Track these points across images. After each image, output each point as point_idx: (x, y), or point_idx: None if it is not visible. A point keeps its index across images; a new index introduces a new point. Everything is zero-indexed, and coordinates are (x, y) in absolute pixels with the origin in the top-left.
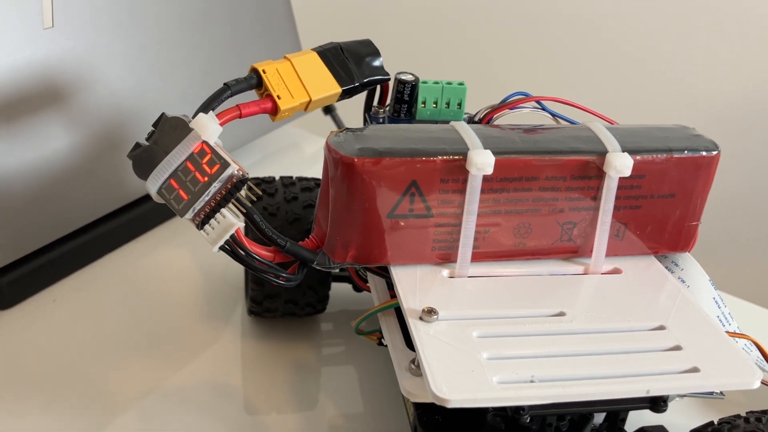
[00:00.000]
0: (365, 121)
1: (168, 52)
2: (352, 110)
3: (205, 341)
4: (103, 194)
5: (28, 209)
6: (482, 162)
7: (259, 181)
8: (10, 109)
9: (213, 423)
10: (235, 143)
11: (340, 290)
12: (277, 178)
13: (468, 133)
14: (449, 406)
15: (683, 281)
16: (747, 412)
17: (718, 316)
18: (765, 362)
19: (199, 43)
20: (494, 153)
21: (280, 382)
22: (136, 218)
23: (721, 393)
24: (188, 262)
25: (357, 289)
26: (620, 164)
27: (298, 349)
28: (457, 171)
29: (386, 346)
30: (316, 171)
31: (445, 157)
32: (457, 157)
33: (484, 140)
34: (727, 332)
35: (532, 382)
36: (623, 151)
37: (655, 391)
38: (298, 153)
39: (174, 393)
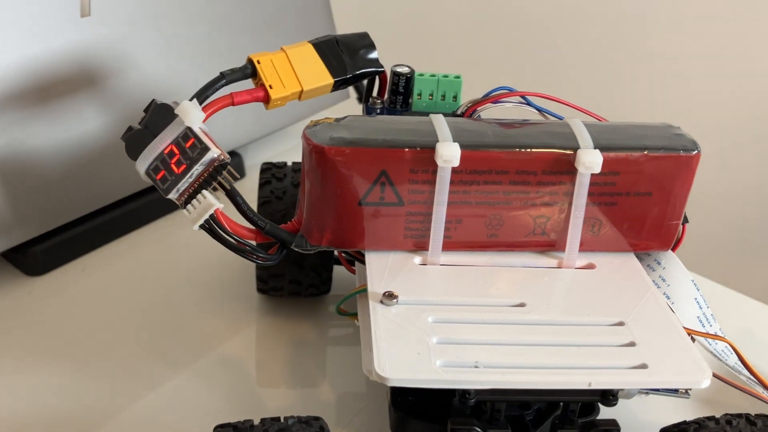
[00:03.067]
0: (363, 111)
1: (197, 40)
2: None
3: (218, 315)
4: (131, 174)
5: (62, 184)
6: (448, 154)
7: (270, 166)
8: (49, 91)
9: (212, 390)
10: (267, 129)
11: (347, 274)
12: (289, 163)
13: (441, 125)
14: (388, 384)
15: (664, 280)
16: (723, 414)
17: (698, 317)
18: (742, 366)
19: (228, 31)
20: (463, 146)
21: (283, 356)
22: (161, 199)
23: (687, 392)
24: (208, 241)
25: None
26: (589, 161)
27: (304, 327)
28: (426, 162)
29: None
30: None
31: (413, 149)
32: (426, 149)
33: (455, 133)
34: (705, 334)
35: (476, 367)
36: (596, 148)
37: (598, 384)
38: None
39: (183, 360)
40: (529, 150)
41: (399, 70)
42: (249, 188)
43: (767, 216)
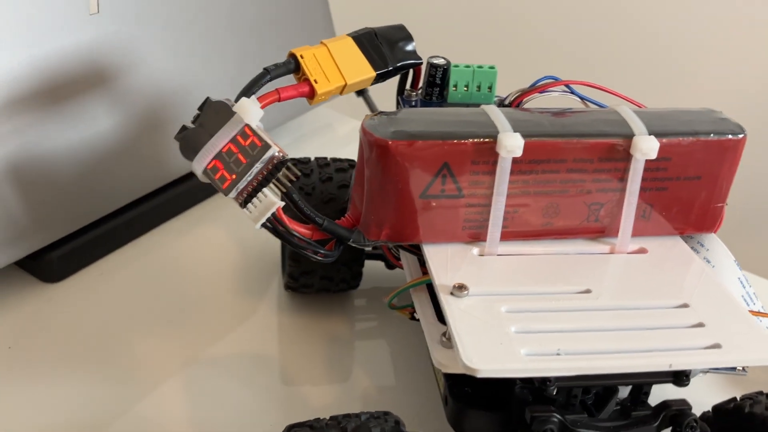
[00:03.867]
0: (398, 104)
1: (206, 37)
2: (384, 93)
3: (243, 314)
4: (145, 173)
5: (76, 187)
6: (512, 145)
7: (295, 162)
8: (59, 91)
9: (252, 392)
10: (270, 124)
11: (372, 268)
12: (312, 158)
13: (498, 116)
14: (479, 375)
15: (708, 261)
16: None
17: (742, 296)
18: None
19: (235, 28)
20: (523, 136)
21: (315, 354)
22: (177, 197)
23: (744, 369)
24: (226, 239)
25: (389, 266)
26: (646, 147)
27: (333, 323)
28: (487, 153)
29: (418, 320)
30: (348, 151)
31: (475, 140)
32: (487, 139)
33: (513, 123)
34: (751, 311)
35: (558, 354)
36: (650, 134)
37: (677, 366)
38: (330, 133)
39: (215, 363)
40: (586, 138)
41: (436, 61)
42: None
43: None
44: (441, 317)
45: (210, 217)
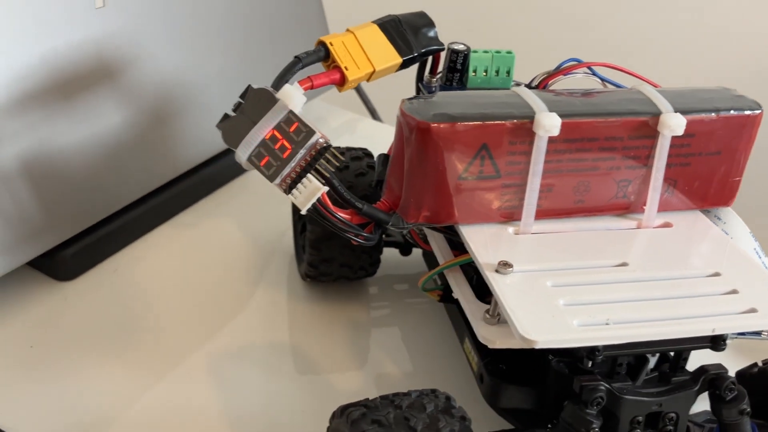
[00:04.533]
0: (418, 90)
1: (208, 31)
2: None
3: (261, 305)
4: (154, 167)
5: (87, 184)
6: (550, 124)
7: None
8: (69, 87)
9: (278, 379)
10: None
11: (383, 256)
12: None
13: (532, 97)
14: (537, 347)
15: (726, 233)
16: None
17: None
18: None
19: (235, 23)
20: (559, 115)
21: (336, 341)
22: (186, 190)
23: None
24: (238, 231)
25: (404, 253)
26: (674, 124)
27: (351, 311)
28: (524, 134)
29: (450, 302)
30: (342, 142)
31: (514, 121)
32: (525, 120)
33: (548, 104)
34: None
35: (607, 324)
36: (675, 112)
37: (720, 330)
38: (323, 126)
39: (238, 355)
40: (618, 117)
41: (457, 47)
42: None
43: None
44: (479, 296)
45: (220, 209)
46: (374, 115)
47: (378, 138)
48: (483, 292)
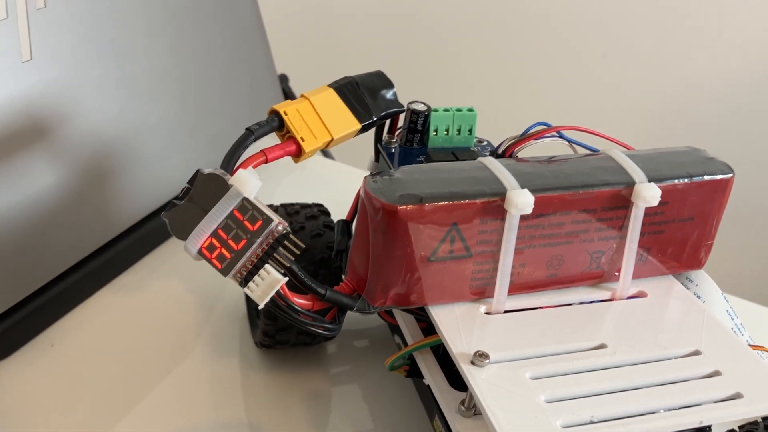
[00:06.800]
0: (377, 152)
1: (147, 80)
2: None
3: (214, 377)
4: (92, 228)
5: (18, 255)
6: (522, 202)
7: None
8: None
9: None
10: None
11: None
12: (278, 205)
13: (502, 171)
14: None
15: (699, 296)
16: (763, 418)
17: (732, 328)
18: None
19: (177, 71)
20: (531, 191)
21: (295, 413)
22: (126, 249)
23: None
24: (182, 290)
25: None
26: (649, 195)
27: (311, 378)
28: (496, 211)
29: (414, 378)
30: (314, 191)
31: (485, 199)
32: (496, 198)
33: (517, 177)
34: (751, 346)
35: (591, 423)
36: (649, 181)
37: (707, 421)
38: (295, 171)
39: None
40: (591, 189)
41: (417, 107)
42: None
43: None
44: (454, 383)
45: (165, 267)
46: (325, 152)
47: (328, 178)
48: (451, 363)
